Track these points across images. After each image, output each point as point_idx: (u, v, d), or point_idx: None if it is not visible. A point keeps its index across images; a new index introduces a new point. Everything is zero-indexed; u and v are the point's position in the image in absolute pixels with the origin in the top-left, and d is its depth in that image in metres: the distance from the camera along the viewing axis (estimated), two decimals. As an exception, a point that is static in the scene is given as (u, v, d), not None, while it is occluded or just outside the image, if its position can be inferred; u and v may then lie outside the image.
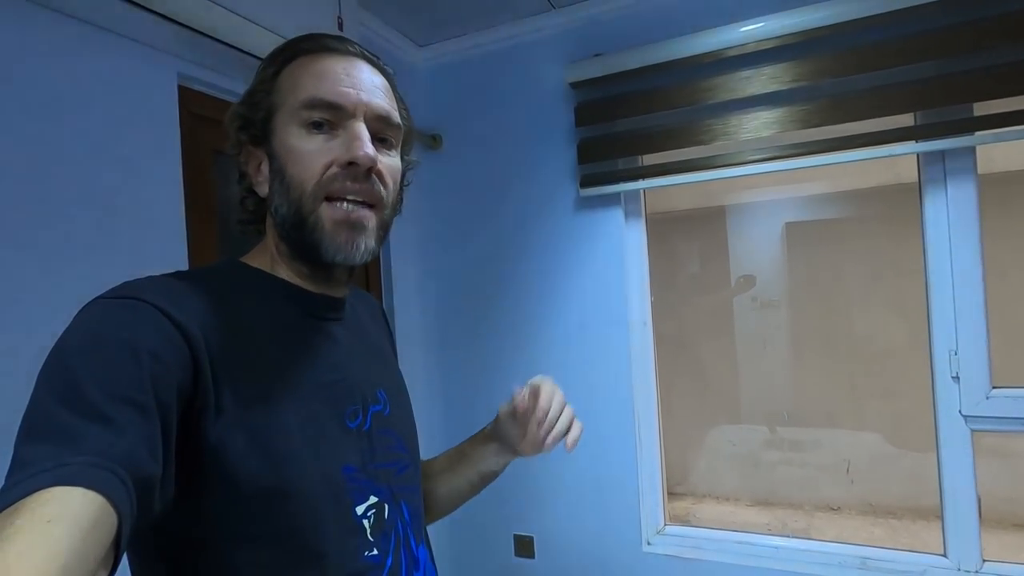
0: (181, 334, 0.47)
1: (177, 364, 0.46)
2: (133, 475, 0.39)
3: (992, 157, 2.25)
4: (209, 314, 0.51)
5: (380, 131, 0.59)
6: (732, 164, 1.61)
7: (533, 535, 1.91)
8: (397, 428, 0.65)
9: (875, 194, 2.97)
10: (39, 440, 0.38)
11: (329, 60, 0.58)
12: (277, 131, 0.58)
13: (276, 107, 0.58)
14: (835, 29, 1.47)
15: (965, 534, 1.46)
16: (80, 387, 0.40)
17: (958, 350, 1.47)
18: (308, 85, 0.56)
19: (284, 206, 0.57)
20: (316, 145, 0.56)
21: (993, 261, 1.46)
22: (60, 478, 0.35)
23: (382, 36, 1.86)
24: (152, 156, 1.16)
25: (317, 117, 0.56)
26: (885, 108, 1.45)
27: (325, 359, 0.59)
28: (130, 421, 0.40)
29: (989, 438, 1.49)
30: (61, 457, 0.37)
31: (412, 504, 0.64)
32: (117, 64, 1.10)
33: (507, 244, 1.96)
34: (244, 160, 0.61)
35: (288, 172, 0.56)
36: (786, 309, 3.26)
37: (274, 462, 0.50)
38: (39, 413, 0.40)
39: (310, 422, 0.54)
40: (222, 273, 0.59)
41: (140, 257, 1.11)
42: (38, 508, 0.33)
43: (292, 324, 0.59)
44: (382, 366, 0.70)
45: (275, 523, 0.50)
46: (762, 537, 1.70)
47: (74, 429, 0.38)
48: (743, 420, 3.30)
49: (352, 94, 0.56)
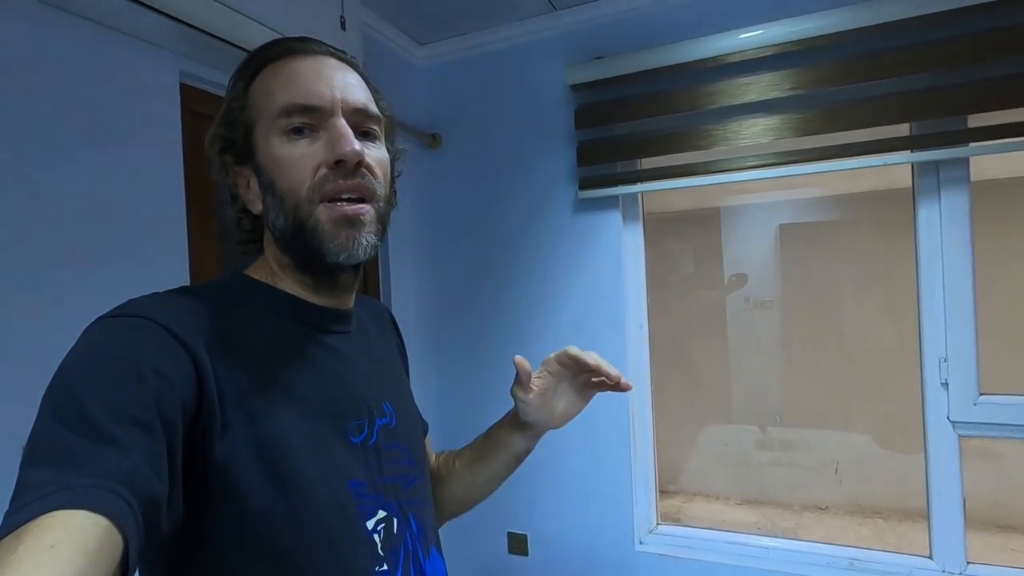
0: (185, 352, 0.47)
1: (181, 382, 0.45)
2: (138, 496, 0.38)
3: (983, 166, 2.28)
4: (213, 331, 0.51)
5: (361, 124, 0.58)
6: (730, 169, 1.62)
7: (527, 533, 1.93)
8: (404, 441, 0.65)
9: (868, 198, 3.01)
10: (42, 463, 0.38)
11: (296, 63, 0.57)
12: (259, 145, 0.57)
13: (254, 121, 0.57)
14: (833, 39, 1.49)
15: (950, 537, 1.50)
16: (83, 408, 0.40)
17: (948, 357, 1.49)
18: (281, 92, 0.56)
19: (280, 218, 0.56)
20: (301, 150, 0.55)
21: (982, 269, 1.49)
22: (64, 501, 0.35)
23: (383, 34, 1.86)
24: (153, 154, 1.16)
25: (296, 123, 0.55)
26: (881, 118, 1.47)
27: (330, 374, 0.59)
28: (135, 441, 0.40)
29: (975, 440, 1.52)
30: (65, 480, 0.36)
31: (420, 517, 0.63)
32: (118, 61, 1.09)
33: (505, 245, 1.96)
34: (232, 181, 0.60)
35: (278, 184, 0.56)
36: (778, 310, 3.30)
37: (280, 479, 0.50)
38: (43, 435, 0.40)
39: (313, 438, 0.54)
40: (226, 288, 0.59)
41: (141, 256, 1.11)
42: (42, 533, 0.33)
43: (296, 339, 0.58)
44: (389, 378, 0.69)
45: (283, 541, 0.50)
46: (753, 537, 1.73)
47: (78, 451, 0.38)
48: (734, 420, 3.34)
49: (327, 92, 0.56)
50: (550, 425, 0.75)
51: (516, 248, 1.95)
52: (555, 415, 0.74)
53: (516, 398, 0.73)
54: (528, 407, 0.72)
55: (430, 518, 0.67)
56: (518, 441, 0.76)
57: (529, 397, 0.72)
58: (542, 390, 0.72)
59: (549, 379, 0.73)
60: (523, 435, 0.76)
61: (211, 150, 0.60)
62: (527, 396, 0.72)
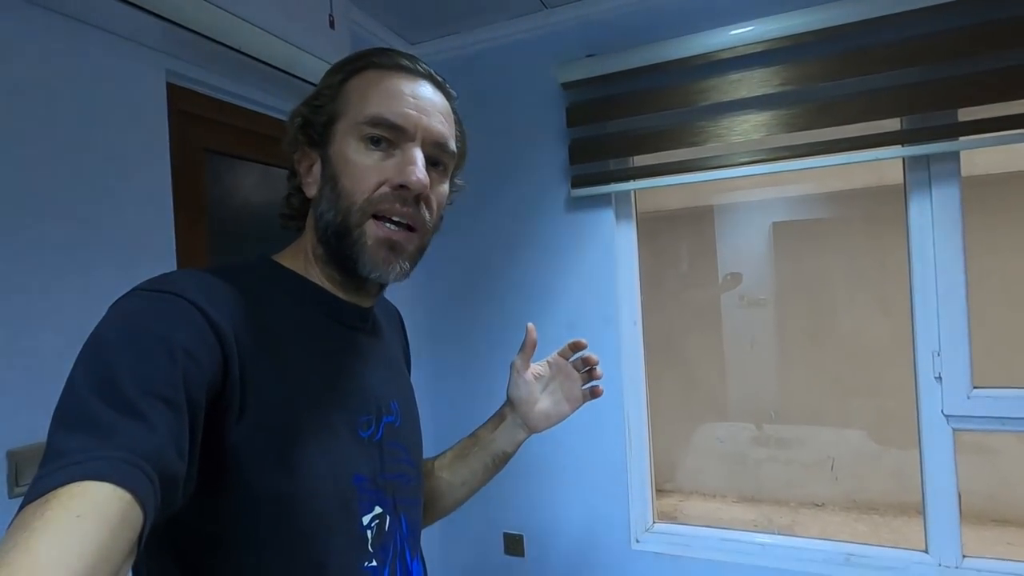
0: (215, 333, 0.48)
1: (209, 363, 0.46)
2: (160, 473, 0.39)
3: (975, 161, 2.29)
4: (241, 314, 0.52)
5: (435, 156, 0.60)
6: (722, 166, 1.62)
7: (523, 533, 1.92)
8: (406, 440, 0.66)
9: (860, 195, 3.02)
10: (72, 429, 0.39)
11: (398, 79, 0.59)
12: (336, 138, 0.59)
13: (338, 114, 0.59)
14: (824, 34, 1.49)
15: (946, 531, 1.49)
16: (116, 380, 0.41)
17: (941, 351, 1.49)
18: (374, 101, 0.57)
19: (331, 213, 0.58)
20: (372, 161, 0.57)
21: (974, 263, 1.49)
22: (91, 472, 0.36)
23: (372, 33, 1.85)
24: (140, 153, 1.14)
25: (378, 134, 0.57)
26: (872, 112, 1.47)
27: (347, 368, 0.60)
28: (162, 418, 0.41)
29: (970, 435, 1.52)
30: (93, 450, 0.37)
31: (411, 517, 0.64)
32: (103, 60, 1.08)
33: (497, 243, 1.96)
34: (298, 159, 0.62)
35: (341, 182, 0.57)
36: (773, 307, 3.30)
37: (289, 467, 0.50)
38: (74, 402, 0.40)
39: (325, 429, 0.55)
40: (256, 272, 0.59)
41: (126, 256, 1.10)
42: (69, 502, 0.34)
43: (320, 330, 0.59)
44: (397, 377, 0.70)
45: (285, 528, 0.50)
46: (749, 534, 1.72)
47: (107, 422, 0.39)
48: (730, 417, 3.34)
49: (414, 116, 0.58)
50: (529, 419, 0.77)
51: (508, 246, 1.94)
52: (536, 407, 0.77)
53: (512, 367, 0.77)
54: (518, 380, 0.77)
55: (419, 521, 0.68)
56: (499, 440, 0.78)
57: (525, 372, 0.77)
58: (536, 374, 0.78)
59: (547, 370, 0.79)
60: (504, 434, 0.78)
61: (292, 123, 0.62)
62: (523, 369, 0.77)
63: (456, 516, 2.23)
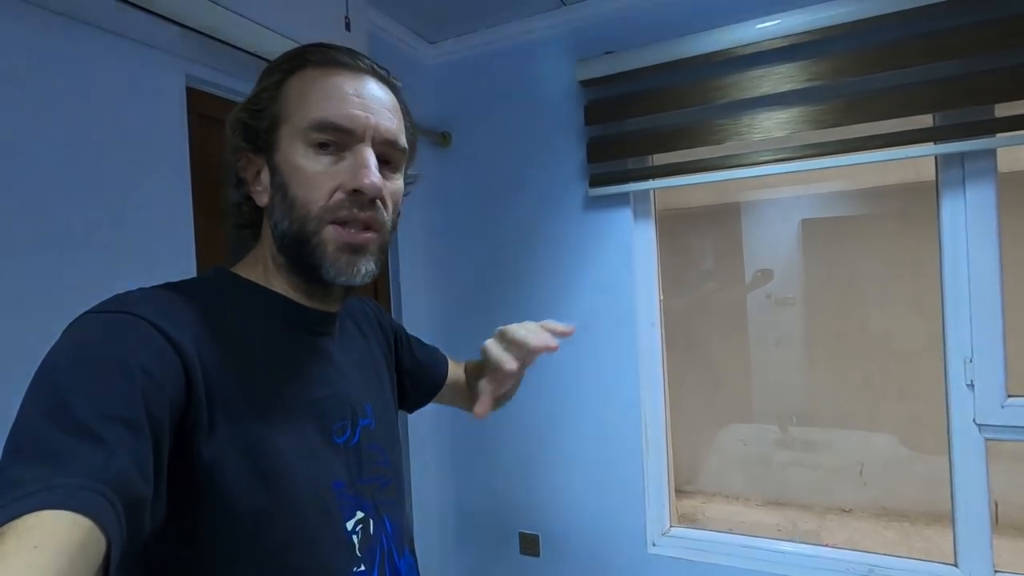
0: (174, 349, 0.46)
1: (170, 380, 0.45)
2: (123, 497, 0.38)
3: (1018, 155, 2.19)
4: (202, 329, 0.50)
5: (386, 154, 0.59)
6: (744, 165, 1.58)
7: (539, 533, 1.92)
8: (382, 443, 0.66)
9: (895, 192, 2.91)
10: (26, 460, 0.37)
11: (340, 77, 0.57)
12: (281, 144, 0.56)
13: (280, 118, 0.56)
14: (851, 27, 1.43)
15: (977, 544, 1.44)
16: (69, 404, 0.39)
17: (973, 357, 1.43)
18: (317, 104, 0.55)
19: (285, 222, 0.56)
20: (322, 167, 0.55)
21: (1010, 264, 1.42)
22: (47, 501, 0.34)
23: (391, 33, 1.86)
24: (160, 158, 1.17)
25: (325, 138, 0.55)
26: (903, 109, 1.41)
27: (316, 375, 0.59)
28: (120, 440, 0.39)
29: (1007, 443, 1.45)
30: (49, 479, 0.36)
31: (395, 518, 0.64)
32: (123, 67, 1.11)
33: (515, 242, 1.95)
34: (243, 166, 0.60)
35: (292, 191, 0.56)
36: (801, 307, 3.21)
37: (266, 480, 0.50)
38: (26, 431, 0.39)
39: (301, 438, 0.54)
40: (214, 286, 0.58)
41: (148, 261, 1.13)
42: (24, 533, 0.33)
43: (284, 339, 0.58)
44: (372, 379, 0.70)
45: (267, 541, 0.50)
46: (769, 542, 1.68)
47: (62, 449, 0.37)
48: (755, 419, 3.27)
49: (361, 117, 0.56)
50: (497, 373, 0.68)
51: (526, 245, 1.93)
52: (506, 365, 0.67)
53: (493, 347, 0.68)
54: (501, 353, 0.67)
55: (404, 519, 0.68)
56: None
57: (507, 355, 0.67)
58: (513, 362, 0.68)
59: None
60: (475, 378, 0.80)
61: (232, 132, 0.59)
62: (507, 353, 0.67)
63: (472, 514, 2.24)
